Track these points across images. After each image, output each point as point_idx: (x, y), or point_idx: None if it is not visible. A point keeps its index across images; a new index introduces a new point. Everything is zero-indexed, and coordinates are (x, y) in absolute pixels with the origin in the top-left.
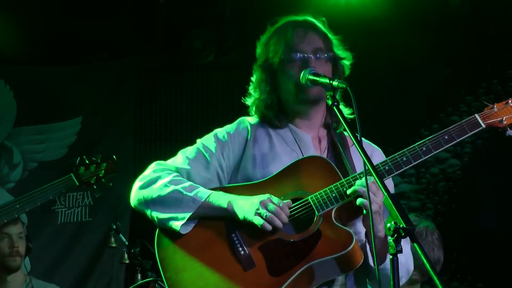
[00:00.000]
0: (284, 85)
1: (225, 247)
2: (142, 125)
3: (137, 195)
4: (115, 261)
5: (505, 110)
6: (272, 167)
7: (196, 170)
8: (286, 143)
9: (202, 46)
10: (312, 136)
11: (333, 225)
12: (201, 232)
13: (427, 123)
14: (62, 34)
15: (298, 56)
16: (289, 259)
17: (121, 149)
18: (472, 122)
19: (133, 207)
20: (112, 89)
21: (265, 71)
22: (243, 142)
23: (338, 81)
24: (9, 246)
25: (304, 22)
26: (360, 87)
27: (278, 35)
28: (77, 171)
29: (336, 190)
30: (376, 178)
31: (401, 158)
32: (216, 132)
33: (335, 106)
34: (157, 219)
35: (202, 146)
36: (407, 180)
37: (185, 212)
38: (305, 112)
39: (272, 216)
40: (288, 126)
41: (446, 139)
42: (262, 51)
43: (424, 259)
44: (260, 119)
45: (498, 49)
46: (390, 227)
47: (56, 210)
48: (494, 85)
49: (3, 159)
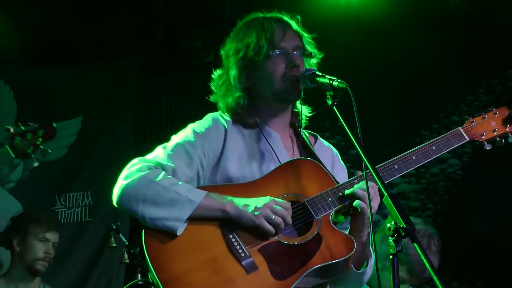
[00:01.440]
0: (264, 83)
1: (223, 248)
2: (142, 125)
3: (125, 193)
4: (115, 261)
5: (483, 124)
6: (249, 168)
7: (180, 168)
8: (259, 143)
9: (202, 46)
10: (281, 135)
11: (332, 230)
12: (194, 232)
13: (427, 123)
14: (62, 34)
15: (282, 53)
16: (293, 262)
17: (121, 149)
18: (457, 134)
19: (117, 205)
20: (112, 89)
21: (243, 68)
22: (222, 140)
23: (338, 81)
24: (45, 251)
25: (281, 19)
26: (360, 87)
27: (257, 32)
28: (13, 142)
29: (332, 195)
30: (377, 179)
31: (393, 166)
32: (193, 128)
33: (334, 106)
34: (149, 219)
35: (183, 143)
36: (407, 180)
37: (181, 212)
38: (278, 110)
39: (278, 219)
40: (259, 125)
41: (434, 149)
42: (237, 47)
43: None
44: (232, 118)
45: (498, 49)
46: (390, 227)
47: (56, 210)
48: (494, 85)
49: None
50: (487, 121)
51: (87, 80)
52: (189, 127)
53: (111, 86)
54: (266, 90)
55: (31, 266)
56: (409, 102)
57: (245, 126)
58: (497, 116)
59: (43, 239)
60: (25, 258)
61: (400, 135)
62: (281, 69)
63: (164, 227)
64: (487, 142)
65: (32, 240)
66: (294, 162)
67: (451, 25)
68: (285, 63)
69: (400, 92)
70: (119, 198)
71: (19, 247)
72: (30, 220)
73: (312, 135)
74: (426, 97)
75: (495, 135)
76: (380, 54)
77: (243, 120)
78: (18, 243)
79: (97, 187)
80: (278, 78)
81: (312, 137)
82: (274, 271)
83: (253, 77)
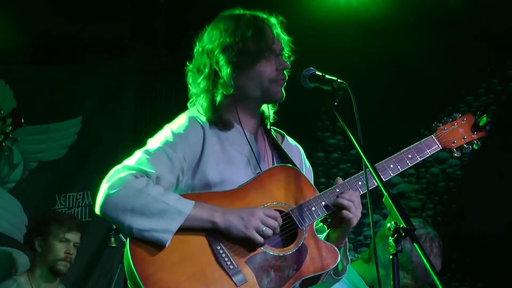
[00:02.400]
0: (252, 83)
1: (211, 260)
2: (142, 125)
3: (110, 202)
4: (115, 261)
5: (453, 132)
6: (228, 172)
7: (164, 175)
8: (235, 145)
9: None
10: (254, 135)
11: (316, 240)
12: (182, 244)
13: (427, 123)
14: (62, 34)
15: (273, 55)
16: (280, 273)
17: (121, 149)
18: (429, 142)
19: (101, 214)
20: (112, 89)
21: (237, 65)
22: (201, 142)
23: (338, 81)
24: (65, 251)
25: (269, 21)
26: (360, 87)
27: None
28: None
29: (315, 204)
30: (377, 179)
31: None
32: (172, 130)
33: (334, 106)
34: (137, 230)
35: (164, 146)
36: (407, 180)
37: (171, 224)
38: (255, 110)
39: (268, 230)
40: (235, 126)
41: (410, 157)
42: (229, 44)
43: (424, 260)
44: (209, 118)
45: (498, 49)
46: (390, 227)
47: (56, 210)
48: (494, 85)
49: (3, 159)
50: (456, 128)
51: (87, 80)
52: (167, 128)
53: (111, 86)
54: (255, 89)
55: (53, 266)
56: (409, 102)
57: (221, 127)
58: (464, 123)
59: (63, 239)
60: (46, 259)
61: (400, 135)
62: (272, 70)
63: (152, 239)
64: (457, 150)
65: (52, 240)
66: (275, 169)
67: (451, 25)
68: (275, 64)
69: (400, 92)
70: (104, 207)
71: (41, 248)
72: (51, 221)
73: (278, 133)
74: (426, 97)
75: (463, 142)
76: (380, 54)
77: (222, 120)
78: (40, 244)
79: (97, 187)
80: (266, 79)
81: (279, 135)
82: (262, 283)
83: (243, 75)
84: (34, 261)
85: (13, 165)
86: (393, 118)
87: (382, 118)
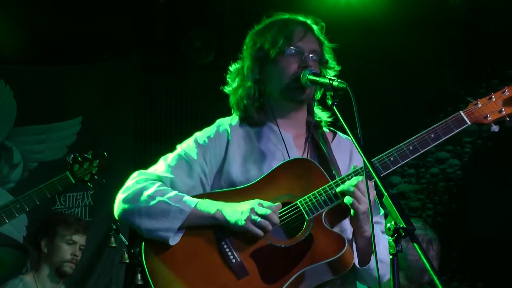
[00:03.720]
0: (274, 78)
1: (215, 255)
2: (142, 125)
3: (122, 207)
4: (115, 261)
5: (488, 106)
6: (256, 169)
7: (180, 178)
8: (267, 142)
9: (202, 46)
10: (293, 135)
11: (324, 229)
12: (190, 241)
13: (427, 123)
14: (62, 34)
15: (297, 52)
16: (283, 265)
17: (121, 149)
18: (457, 119)
19: (118, 219)
20: (112, 89)
21: (257, 59)
22: (225, 145)
23: (338, 81)
24: (72, 253)
25: (305, 23)
26: (360, 87)
27: (278, 27)
28: (72, 169)
29: (324, 193)
30: (376, 179)
31: (389, 158)
32: (196, 137)
33: (335, 106)
34: (145, 231)
35: (184, 152)
36: (407, 180)
37: (173, 223)
38: (288, 110)
39: (264, 221)
40: (268, 124)
41: (433, 137)
42: (256, 39)
43: (424, 259)
44: (240, 116)
45: (498, 49)
46: (390, 227)
47: (56, 210)
48: (494, 85)
49: (3, 159)
50: (494, 102)
51: (87, 80)
52: (193, 136)
53: (111, 86)
54: (275, 86)
55: (59, 267)
56: (409, 102)
57: (252, 124)
58: (506, 94)
59: (70, 241)
60: (52, 260)
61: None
62: (293, 68)
63: (158, 238)
64: (495, 124)
65: (59, 241)
66: (289, 163)
67: (451, 25)
68: (298, 62)
69: (400, 92)
70: (118, 213)
71: (47, 249)
72: (58, 221)
73: (331, 131)
74: (426, 97)
75: (503, 115)
76: (380, 54)
77: (251, 116)
78: (46, 245)
79: (97, 187)
80: (288, 75)
81: (331, 133)
82: (264, 275)
83: (265, 70)
84: (39, 261)
85: (13, 165)
86: (393, 118)
87: (382, 118)
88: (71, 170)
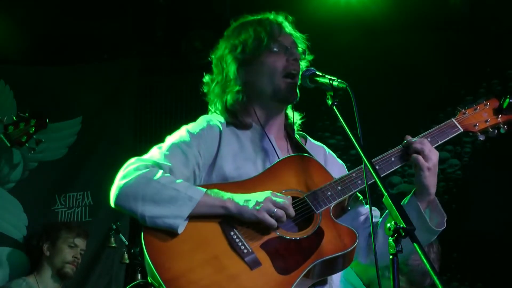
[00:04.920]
0: (264, 77)
1: (225, 245)
2: (142, 125)
3: (123, 192)
4: (115, 261)
5: (475, 115)
6: (245, 168)
7: (177, 167)
8: (254, 144)
9: (202, 46)
10: (275, 137)
11: (333, 223)
12: (195, 230)
13: (427, 123)
14: (62, 34)
15: (280, 47)
16: (295, 257)
17: (121, 149)
18: (450, 125)
19: (115, 205)
20: (112, 89)
21: (242, 63)
22: (217, 140)
23: (338, 81)
24: (73, 255)
25: (276, 19)
26: (360, 87)
27: (255, 27)
28: (6, 131)
29: (331, 189)
30: (376, 179)
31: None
32: (187, 128)
33: (334, 106)
34: (149, 217)
35: (179, 142)
36: (407, 180)
37: (182, 210)
38: (272, 111)
39: (280, 211)
40: (253, 126)
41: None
42: (234, 43)
43: (424, 259)
44: (227, 119)
45: (498, 49)
46: (390, 227)
47: (56, 210)
48: (494, 85)
49: (3, 159)
50: (479, 112)
51: (87, 80)
52: (183, 128)
53: (111, 86)
54: (266, 85)
55: (60, 269)
56: (409, 102)
57: (240, 127)
58: (487, 107)
59: (72, 244)
60: (54, 261)
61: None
62: (281, 63)
63: (165, 225)
64: (480, 133)
65: (61, 244)
66: (288, 159)
67: (451, 25)
68: (285, 57)
69: (400, 92)
70: (117, 198)
71: (49, 252)
72: (61, 227)
73: (302, 136)
74: (426, 97)
75: (487, 125)
76: (380, 54)
77: (239, 120)
78: (48, 248)
79: (97, 187)
80: (279, 72)
81: (302, 138)
82: (277, 266)
83: (253, 72)
84: (41, 264)
85: (13, 165)
86: (392, 118)
87: (382, 118)
88: (5, 133)
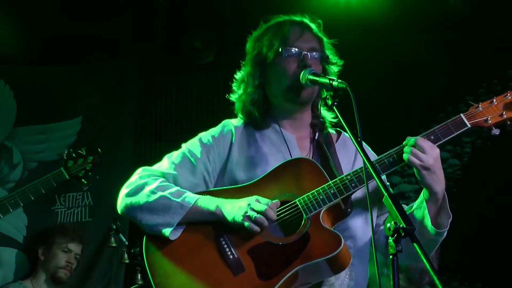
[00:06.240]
0: (275, 80)
1: (213, 251)
2: (142, 125)
3: (124, 202)
4: (115, 261)
5: (489, 109)
6: (259, 169)
7: (183, 175)
8: (272, 144)
9: (202, 46)
10: (297, 136)
11: (321, 228)
12: (189, 237)
13: (427, 123)
14: (62, 34)
15: (295, 52)
16: (279, 262)
17: (121, 149)
18: (458, 122)
19: (121, 214)
20: (112, 89)
21: (256, 64)
22: (228, 145)
23: (338, 81)
24: (67, 260)
25: (301, 22)
26: (360, 87)
27: (274, 30)
28: (66, 165)
29: (323, 192)
30: (376, 179)
31: (388, 159)
32: (200, 136)
33: (335, 106)
34: (146, 226)
35: (188, 150)
36: (406, 180)
37: (173, 218)
38: (291, 111)
39: (260, 217)
40: (273, 126)
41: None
42: (254, 45)
43: (424, 259)
44: (245, 120)
45: (498, 49)
46: (390, 227)
47: (56, 210)
48: (494, 85)
49: (3, 159)
50: (496, 105)
51: (87, 80)
52: (198, 136)
53: (111, 86)
54: (276, 88)
55: (54, 273)
56: (409, 102)
57: (258, 127)
58: (508, 98)
59: (65, 249)
60: (48, 266)
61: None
62: (292, 68)
63: (158, 233)
64: (495, 127)
65: (55, 249)
66: (290, 162)
67: (451, 25)
68: (296, 62)
69: (400, 92)
70: (121, 208)
71: (44, 256)
72: (56, 232)
73: (336, 131)
74: (426, 97)
75: (504, 118)
76: (380, 54)
77: (256, 121)
78: (43, 253)
79: (97, 187)
80: (287, 76)
81: (336, 133)
82: (260, 271)
83: (265, 74)
84: (36, 268)
85: (13, 165)
86: (392, 118)
87: (382, 118)
88: (65, 166)
